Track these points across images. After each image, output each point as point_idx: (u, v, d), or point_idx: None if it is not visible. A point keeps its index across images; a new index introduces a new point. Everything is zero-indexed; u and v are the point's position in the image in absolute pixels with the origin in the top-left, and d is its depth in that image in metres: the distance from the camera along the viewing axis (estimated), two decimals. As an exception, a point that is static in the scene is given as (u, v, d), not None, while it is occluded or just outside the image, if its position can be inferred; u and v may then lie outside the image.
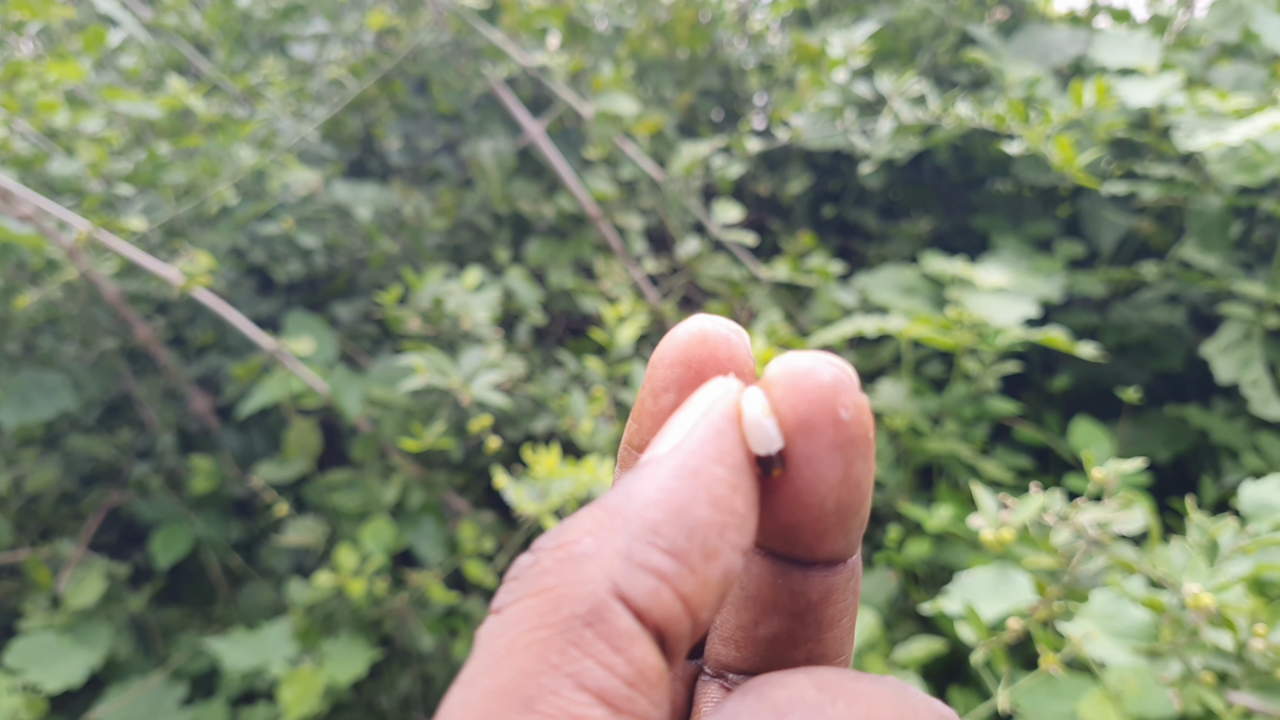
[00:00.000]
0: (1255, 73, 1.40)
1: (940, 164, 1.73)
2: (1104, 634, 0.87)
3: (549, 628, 0.20)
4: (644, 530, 0.21)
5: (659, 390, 0.28)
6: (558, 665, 0.19)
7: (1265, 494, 0.93)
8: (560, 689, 0.19)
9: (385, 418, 1.34)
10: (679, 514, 0.22)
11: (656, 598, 0.21)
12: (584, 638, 0.20)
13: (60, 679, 1.25)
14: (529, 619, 0.20)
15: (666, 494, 0.22)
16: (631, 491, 0.22)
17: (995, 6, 1.72)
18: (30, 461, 1.50)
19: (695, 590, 0.21)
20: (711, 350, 0.28)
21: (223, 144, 1.35)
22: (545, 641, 0.20)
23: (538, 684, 0.19)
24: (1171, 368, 1.51)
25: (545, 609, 0.20)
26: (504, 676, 0.20)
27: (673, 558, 0.21)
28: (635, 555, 0.21)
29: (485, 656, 0.20)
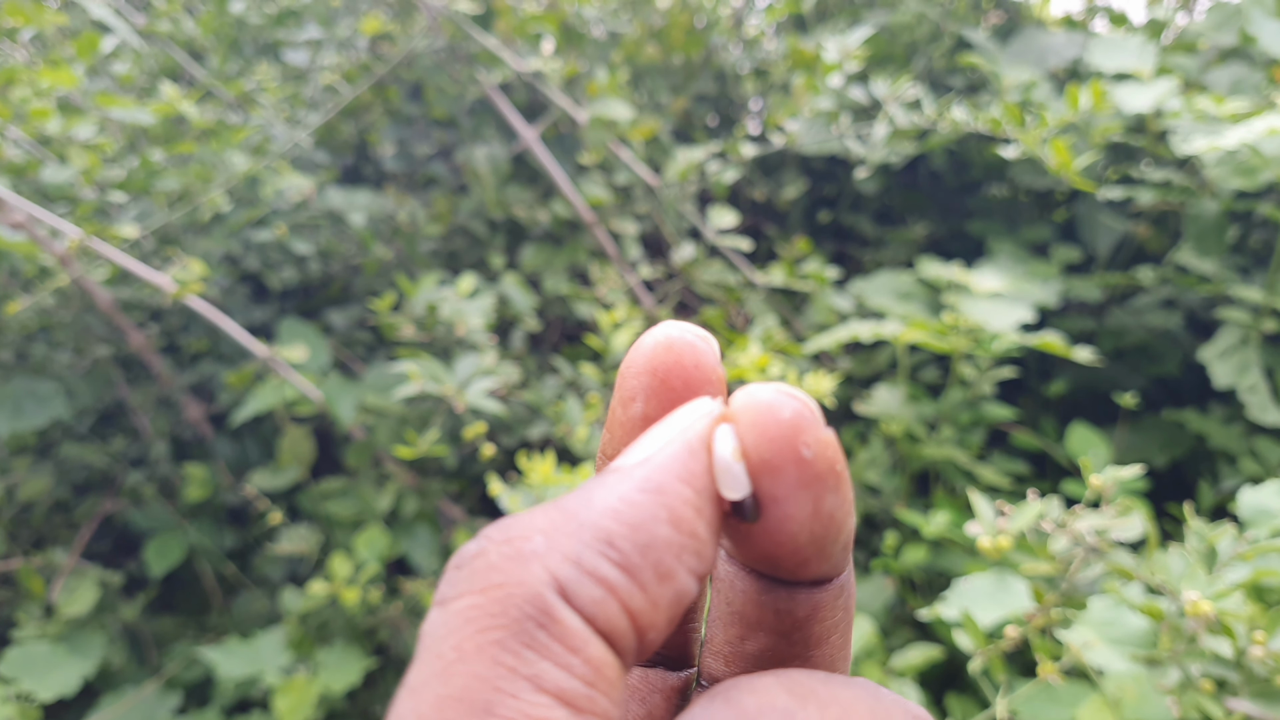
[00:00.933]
0: (1252, 76, 1.40)
1: (936, 169, 1.72)
2: (1102, 641, 0.86)
3: (500, 629, 0.19)
4: (597, 538, 0.21)
5: (627, 399, 0.28)
6: (514, 668, 0.19)
7: (1264, 500, 0.93)
8: (519, 692, 0.19)
9: (379, 425, 1.33)
10: (637, 529, 0.21)
11: (601, 608, 0.20)
12: (538, 639, 0.19)
13: (54, 688, 1.24)
14: (478, 619, 0.20)
15: (627, 505, 0.21)
16: (591, 497, 0.22)
17: (990, 11, 1.71)
18: (23, 470, 1.49)
19: (643, 608, 0.21)
20: (677, 357, 0.27)
21: (216, 150, 1.34)
22: (499, 643, 0.19)
23: (495, 688, 0.19)
24: (1168, 373, 1.51)
25: (494, 608, 0.20)
26: (458, 681, 0.19)
27: (623, 571, 0.21)
28: (585, 562, 0.20)
29: (433, 660, 0.19)
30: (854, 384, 1.49)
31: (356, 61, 1.60)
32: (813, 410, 0.23)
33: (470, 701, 0.18)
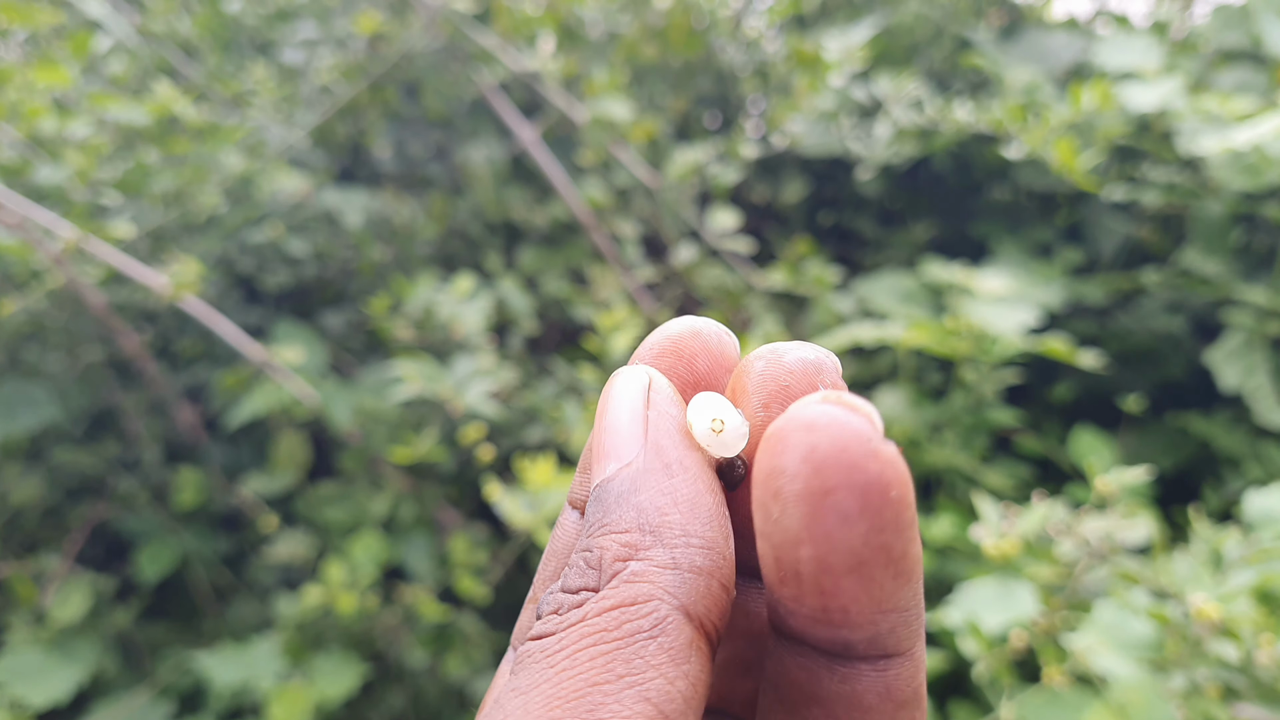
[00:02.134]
0: (1256, 78, 1.39)
1: (938, 170, 1.71)
2: (1108, 646, 0.85)
3: (613, 642, 0.20)
4: (677, 535, 0.22)
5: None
6: (622, 675, 0.20)
7: (1270, 504, 0.92)
8: (624, 699, 0.19)
9: (375, 429, 1.32)
10: (694, 507, 0.22)
11: (710, 598, 0.21)
12: (647, 650, 0.20)
13: (46, 695, 1.23)
14: (591, 635, 0.21)
15: (671, 495, 0.22)
16: (640, 505, 0.22)
17: (992, 11, 1.71)
18: (15, 475, 1.48)
19: (731, 571, 0.22)
20: (704, 344, 0.28)
21: (211, 150, 1.33)
22: (610, 654, 0.20)
23: (602, 692, 0.20)
24: (1172, 376, 1.50)
25: (607, 625, 0.21)
26: (567, 685, 0.20)
27: (709, 552, 0.22)
28: (681, 561, 0.21)
29: (543, 668, 0.20)
30: (856, 388, 1.48)
31: (353, 61, 1.59)
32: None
33: (578, 702, 0.20)
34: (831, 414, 0.21)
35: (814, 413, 0.21)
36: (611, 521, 0.23)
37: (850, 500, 0.21)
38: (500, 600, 1.38)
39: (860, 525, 0.21)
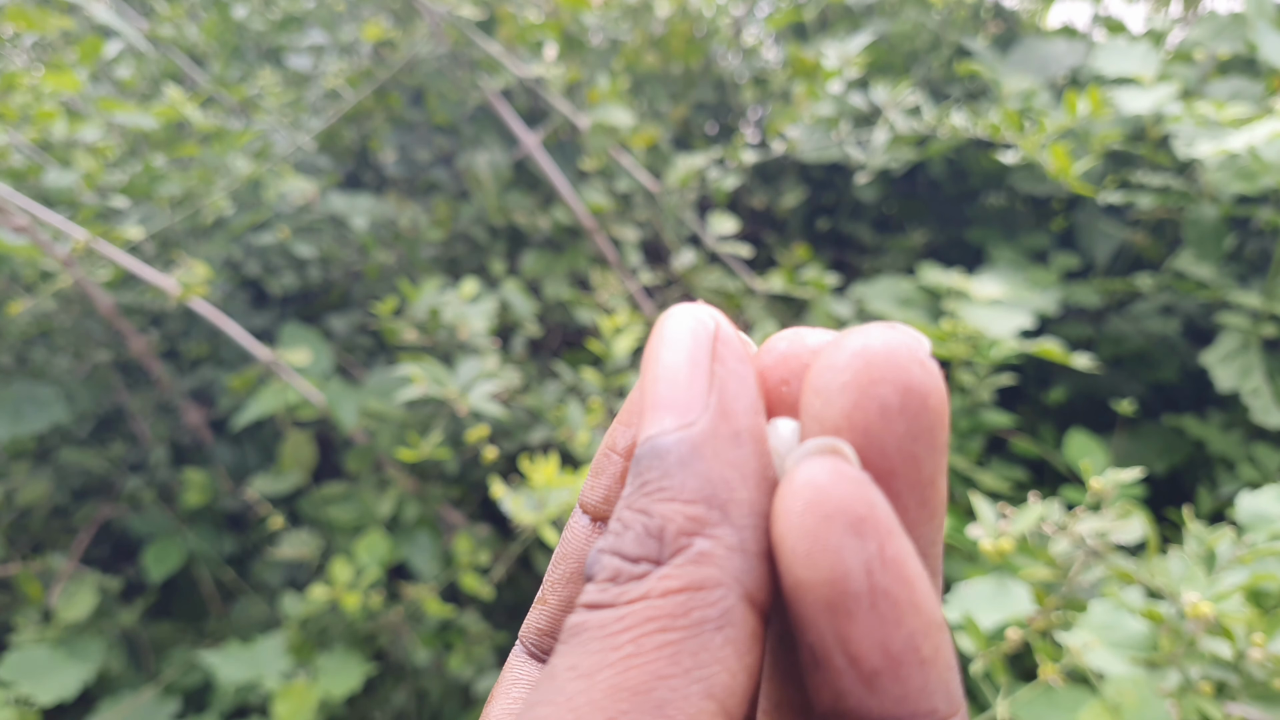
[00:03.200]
0: (1251, 87, 1.41)
1: (935, 177, 1.73)
2: (1103, 644, 0.86)
3: (680, 630, 0.20)
4: (746, 515, 0.21)
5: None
6: (689, 670, 0.19)
7: (1262, 504, 0.93)
8: (690, 694, 0.19)
9: (381, 430, 1.33)
10: (761, 484, 0.21)
11: (770, 584, 0.20)
12: (714, 643, 0.19)
13: (52, 692, 1.24)
14: (656, 620, 0.20)
15: (736, 465, 0.21)
16: (708, 475, 0.21)
17: (990, 20, 1.72)
18: (22, 475, 1.49)
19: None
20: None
21: (219, 153, 1.35)
22: (677, 644, 0.19)
23: (670, 687, 0.19)
24: (1166, 379, 1.52)
25: (674, 610, 0.20)
26: (634, 675, 0.19)
27: (759, 526, 0.21)
28: (749, 545, 0.21)
29: (606, 650, 0.20)
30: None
31: (359, 67, 1.60)
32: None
33: (646, 696, 0.19)
34: (884, 330, 0.22)
35: (867, 327, 0.22)
36: (673, 487, 0.21)
37: (893, 394, 0.21)
38: (503, 599, 1.39)
39: (898, 423, 0.22)
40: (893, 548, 0.20)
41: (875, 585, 0.20)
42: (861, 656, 0.20)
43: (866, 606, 0.20)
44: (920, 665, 0.20)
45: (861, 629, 0.20)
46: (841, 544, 0.20)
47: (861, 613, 0.20)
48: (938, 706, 0.21)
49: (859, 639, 0.20)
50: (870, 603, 0.20)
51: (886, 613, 0.20)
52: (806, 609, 0.20)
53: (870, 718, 0.21)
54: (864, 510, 0.20)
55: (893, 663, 0.20)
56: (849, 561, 0.20)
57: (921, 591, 0.20)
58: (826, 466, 0.21)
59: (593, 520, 0.28)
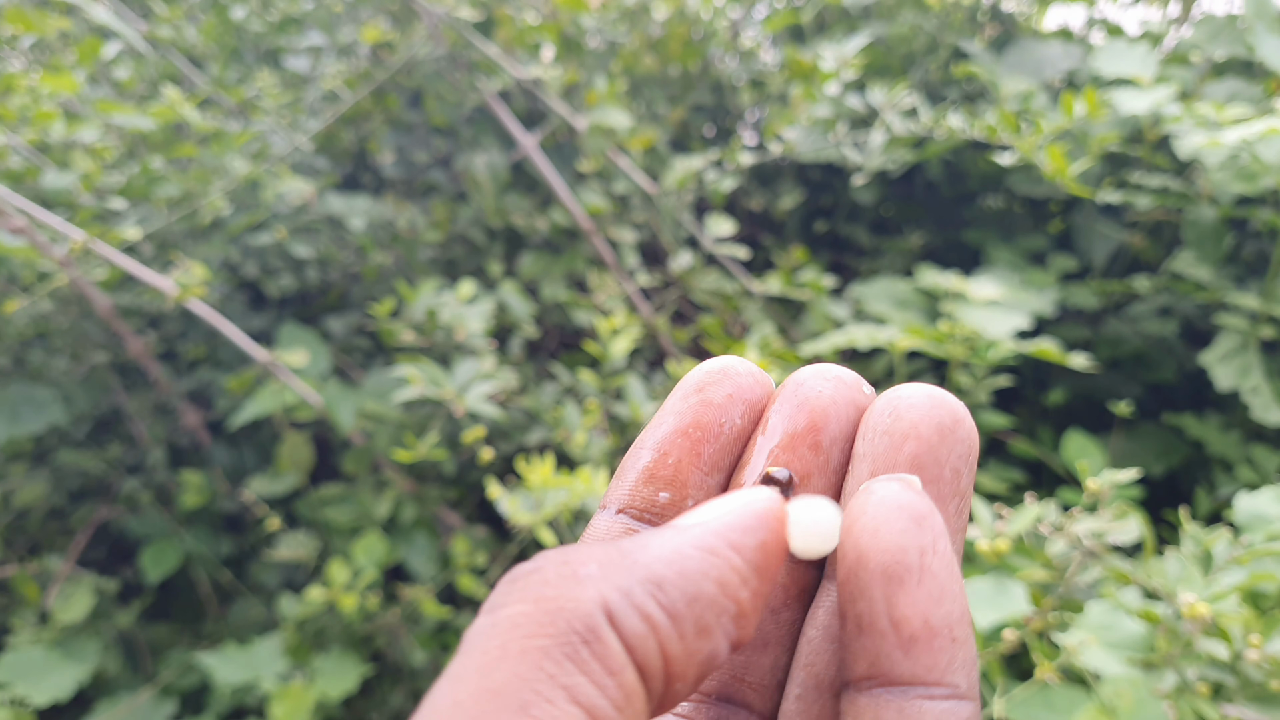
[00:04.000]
0: (1249, 90, 1.41)
1: (932, 179, 1.73)
2: (1099, 645, 0.86)
3: (547, 637, 0.20)
4: (649, 578, 0.22)
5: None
6: (554, 675, 0.20)
7: (1259, 505, 0.93)
8: (555, 699, 0.19)
9: (378, 431, 1.33)
10: (686, 580, 0.22)
11: (642, 642, 0.21)
12: (580, 654, 0.20)
13: (48, 693, 1.24)
14: (526, 625, 0.20)
15: (680, 557, 0.22)
16: (648, 544, 0.23)
17: (987, 23, 1.73)
18: (19, 476, 1.49)
19: (678, 655, 0.22)
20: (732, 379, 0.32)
21: (217, 154, 1.35)
22: (542, 650, 0.20)
23: (533, 690, 0.19)
24: (1164, 380, 1.52)
25: (543, 618, 0.20)
26: (498, 678, 0.19)
27: (668, 615, 0.22)
28: (634, 596, 0.21)
29: (476, 655, 0.20)
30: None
31: (357, 69, 1.60)
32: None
33: (508, 698, 0.19)
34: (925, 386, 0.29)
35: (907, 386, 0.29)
36: (617, 542, 0.23)
37: (948, 418, 0.28)
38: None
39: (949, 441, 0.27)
40: (944, 544, 0.24)
41: (925, 566, 0.24)
42: (904, 621, 0.24)
43: (915, 580, 0.24)
44: (951, 643, 0.24)
45: (908, 598, 0.24)
46: (905, 528, 0.24)
47: (911, 584, 0.24)
48: (960, 684, 0.24)
49: (905, 605, 0.24)
50: (919, 579, 0.24)
51: (931, 590, 0.24)
52: (863, 577, 0.24)
53: (901, 679, 0.24)
54: (926, 511, 0.25)
55: (930, 633, 0.24)
56: (908, 541, 0.24)
57: (960, 586, 0.24)
58: (900, 482, 0.25)
59: (616, 512, 0.30)
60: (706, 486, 0.30)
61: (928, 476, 0.27)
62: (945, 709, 0.24)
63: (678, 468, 0.30)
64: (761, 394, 0.31)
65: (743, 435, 0.31)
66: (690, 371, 0.31)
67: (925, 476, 0.27)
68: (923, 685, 0.24)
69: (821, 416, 0.29)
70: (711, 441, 0.30)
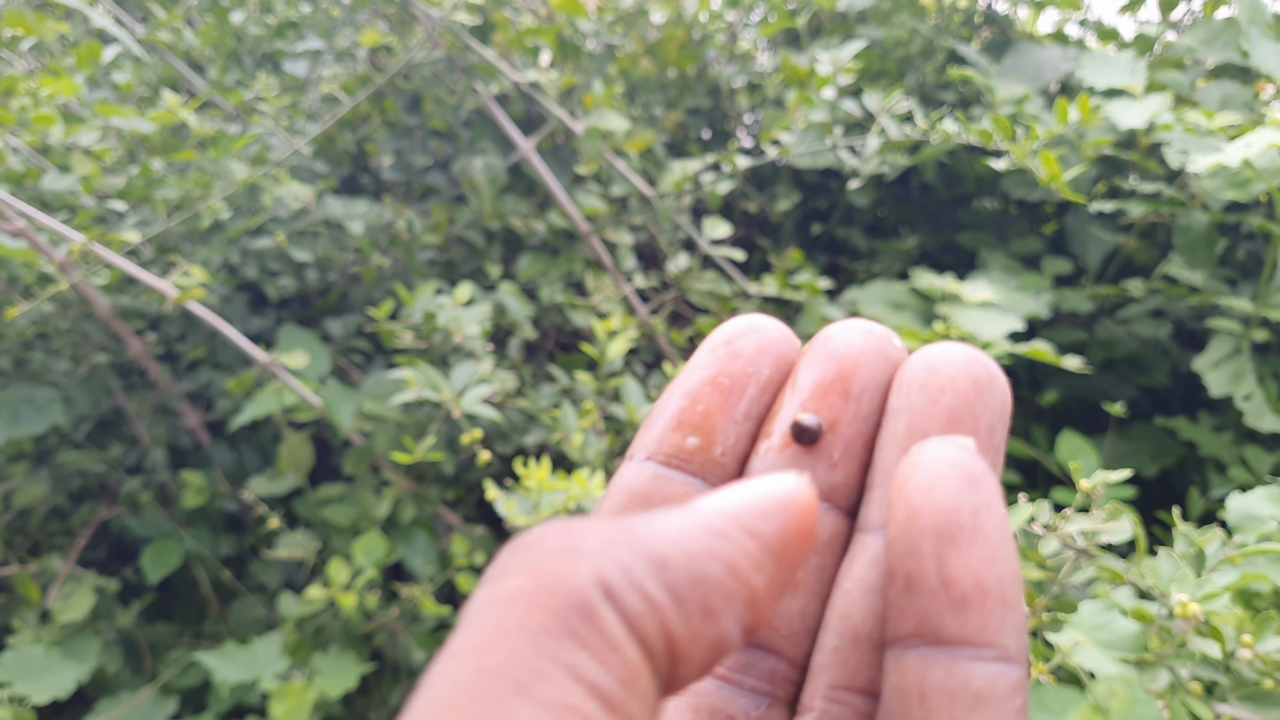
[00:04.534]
0: (1242, 92, 1.42)
1: (928, 182, 1.74)
2: (1093, 644, 0.87)
3: (545, 613, 0.19)
4: (651, 557, 0.21)
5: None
6: (554, 653, 0.19)
7: (1251, 505, 0.94)
8: (555, 677, 0.19)
9: (378, 432, 1.34)
10: (690, 560, 0.21)
11: (642, 620, 0.20)
12: (579, 630, 0.19)
13: (48, 692, 1.24)
14: (524, 600, 0.20)
15: (686, 538, 0.22)
16: (656, 522, 0.22)
17: (983, 26, 1.73)
18: (20, 477, 1.50)
19: (682, 636, 0.21)
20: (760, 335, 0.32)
21: (216, 158, 1.35)
22: (541, 627, 0.19)
23: (534, 669, 0.19)
24: (1158, 383, 1.53)
25: (541, 593, 0.20)
26: (498, 656, 0.19)
27: (670, 595, 0.21)
28: (634, 573, 0.21)
29: (475, 631, 0.20)
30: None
31: (355, 72, 1.61)
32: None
33: (509, 677, 0.19)
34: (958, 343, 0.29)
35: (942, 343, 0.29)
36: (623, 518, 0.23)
37: (984, 374, 0.28)
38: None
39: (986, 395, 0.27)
40: (997, 505, 0.24)
41: (979, 526, 0.24)
42: (956, 581, 0.23)
43: (968, 540, 0.23)
44: (1003, 604, 0.23)
45: (961, 557, 0.23)
46: (959, 487, 0.24)
47: (964, 543, 0.23)
48: (1010, 646, 0.24)
49: (956, 565, 0.23)
50: (972, 538, 0.23)
51: (984, 550, 0.23)
52: (914, 535, 0.24)
53: (950, 639, 0.24)
54: (980, 471, 0.24)
55: (981, 594, 0.23)
56: (961, 501, 0.24)
57: (1013, 549, 0.24)
58: (954, 443, 0.25)
59: (643, 460, 0.30)
60: (735, 434, 0.30)
61: (964, 431, 0.27)
62: (994, 671, 0.23)
63: (706, 414, 0.30)
64: (789, 349, 0.31)
65: (771, 385, 0.30)
66: (718, 328, 0.31)
67: (961, 431, 0.27)
68: (972, 646, 0.23)
69: (851, 366, 0.29)
70: (740, 389, 0.30)
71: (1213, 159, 1.09)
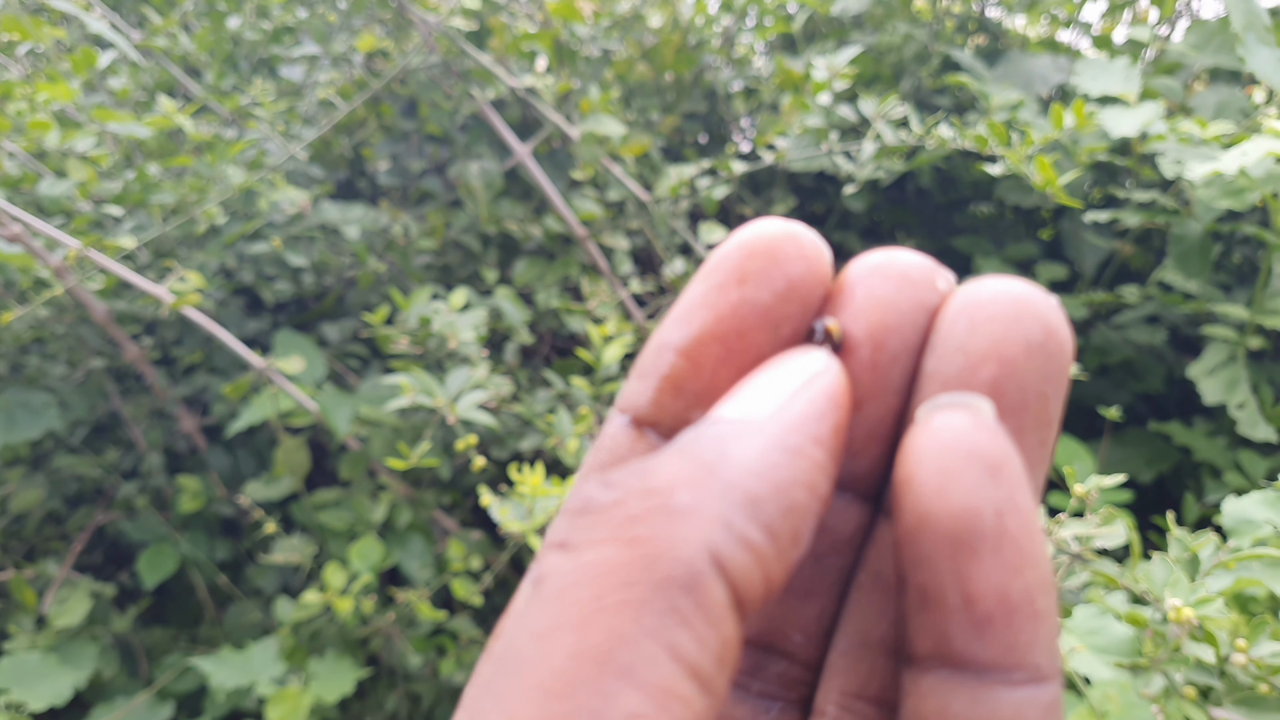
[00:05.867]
0: (1237, 98, 1.42)
1: (923, 187, 1.74)
2: (1087, 649, 0.87)
3: (644, 586, 0.18)
4: (746, 501, 0.19)
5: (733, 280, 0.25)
6: (654, 632, 0.18)
7: (1246, 510, 0.94)
8: (657, 659, 0.18)
9: (374, 436, 1.34)
10: (781, 492, 0.20)
11: (748, 575, 0.19)
12: (681, 605, 0.18)
13: (45, 698, 1.24)
14: (620, 572, 0.19)
15: (770, 467, 0.20)
16: (728, 452, 0.20)
17: (976, 33, 1.74)
18: (16, 481, 1.50)
19: (779, 575, 0.20)
20: (800, 248, 0.26)
21: (212, 163, 1.36)
22: (641, 603, 0.18)
23: (634, 650, 0.18)
24: (1153, 388, 1.53)
25: (639, 564, 0.19)
26: (595, 636, 0.18)
27: (766, 535, 0.19)
28: (736, 525, 0.19)
29: (566, 606, 0.18)
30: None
31: (352, 77, 1.61)
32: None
33: (609, 660, 0.18)
34: (1017, 280, 0.23)
35: (998, 277, 0.23)
36: (689, 449, 0.21)
37: (1037, 331, 0.22)
38: (495, 602, 1.40)
39: (1038, 360, 0.22)
40: (1023, 499, 0.20)
41: (1003, 529, 0.20)
42: (977, 598, 0.20)
43: (991, 548, 0.20)
44: (1033, 618, 0.20)
45: (983, 570, 0.20)
46: (977, 483, 0.20)
47: (985, 553, 0.20)
48: (1041, 663, 0.21)
49: (978, 580, 0.20)
50: (995, 546, 0.20)
51: (1009, 559, 0.20)
52: (927, 545, 0.20)
53: (974, 663, 0.21)
54: (1001, 458, 0.20)
55: (1007, 610, 0.20)
56: (981, 500, 0.20)
57: (1042, 547, 0.20)
58: (967, 413, 0.21)
59: (636, 424, 0.26)
60: None
61: (1007, 404, 0.22)
62: (1024, 696, 0.20)
63: (714, 381, 0.25)
64: (819, 285, 0.26)
65: (796, 339, 0.25)
66: (725, 247, 0.26)
67: (1005, 405, 0.22)
68: (1000, 669, 0.20)
69: (881, 328, 0.24)
70: (756, 353, 0.25)
71: (1209, 167, 1.10)
